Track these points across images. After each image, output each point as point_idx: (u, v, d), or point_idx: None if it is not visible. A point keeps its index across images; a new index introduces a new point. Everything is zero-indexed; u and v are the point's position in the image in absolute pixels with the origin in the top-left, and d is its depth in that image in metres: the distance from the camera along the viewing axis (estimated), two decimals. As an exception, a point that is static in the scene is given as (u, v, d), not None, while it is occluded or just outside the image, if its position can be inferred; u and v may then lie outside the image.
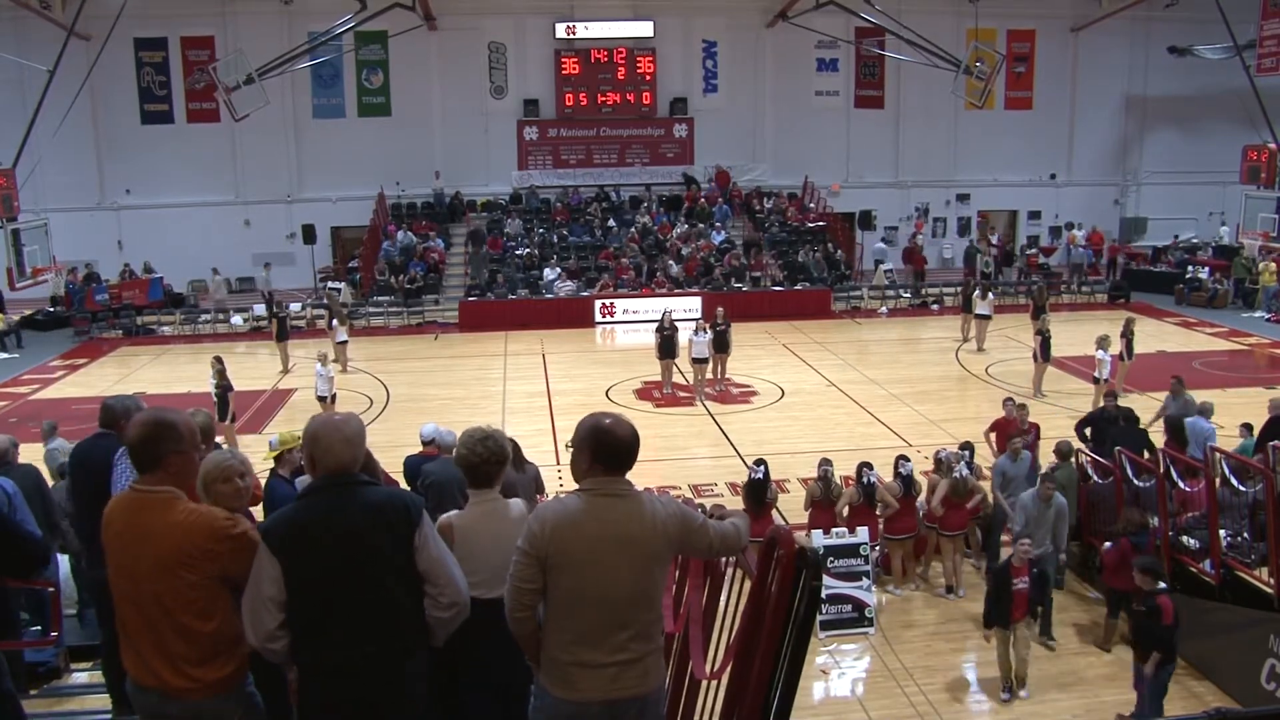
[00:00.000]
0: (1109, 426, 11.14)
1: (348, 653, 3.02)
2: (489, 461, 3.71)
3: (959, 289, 23.17)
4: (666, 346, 17.01)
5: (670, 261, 25.50)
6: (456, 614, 3.15)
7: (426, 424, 9.21)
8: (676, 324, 17.34)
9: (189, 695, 3.08)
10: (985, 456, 10.93)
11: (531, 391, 17.62)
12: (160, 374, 19.59)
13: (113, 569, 3.14)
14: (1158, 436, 11.07)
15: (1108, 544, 8.85)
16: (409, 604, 3.09)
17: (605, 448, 3.11)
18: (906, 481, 9.71)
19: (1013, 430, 11.11)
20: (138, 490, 3.15)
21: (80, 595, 7.66)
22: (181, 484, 3.17)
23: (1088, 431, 11.45)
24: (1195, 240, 29.62)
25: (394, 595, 3.05)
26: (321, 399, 15.23)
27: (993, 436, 11.40)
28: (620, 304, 24.17)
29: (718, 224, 27.70)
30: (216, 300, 25.02)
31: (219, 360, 14.74)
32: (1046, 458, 10.39)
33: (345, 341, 19.59)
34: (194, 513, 3.12)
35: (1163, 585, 7.40)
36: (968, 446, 10.45)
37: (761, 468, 9.56)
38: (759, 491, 9.41)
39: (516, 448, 8.65)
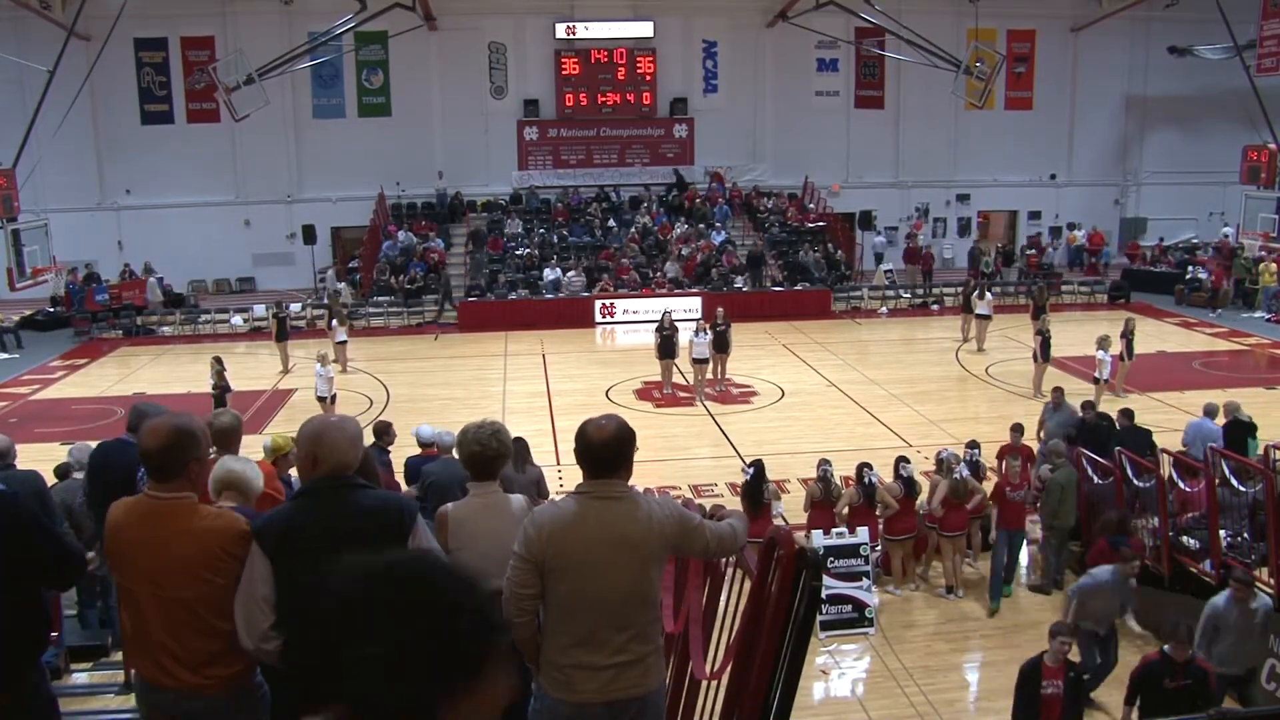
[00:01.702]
0: (1092, 434, 11.00)
1: None
2: (502, 456, 3.77)
3: (959, 289, 23.17)
4: (666, 347, 16.99)
5: (669, 264, 25.47)
6: None
7: (423, 426, 9.21)
8: (676, 324, 17.33)
9: (207, 691, 3.13)
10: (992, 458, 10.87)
11: (531, 392, 17.60)
12: (160, 374, 19.57)
13: (129, 574, 3.16)
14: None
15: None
16: None
17: (581, 451, 3.14)
18: (908, 483, 9.70)
19: (1003, 466, 10.05)
20: (155, 496, 3.15)
21: (80, 596, 7.66)
22: (197, 489, 3.21)
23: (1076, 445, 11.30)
24: (1195, 240, 29.64)
25: None
26: (321, 399, 15.20)
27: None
28: (620, 304, 24.15)
29: (717, 224, 27.70)
30: (152, 303, 24.49)
31: (218, 360, 14.80)
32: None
33: (345, 342, 19.57)
34: (219, 517, 3.17)
35: (1193, 651, 6.39)
36: (975, 445, 10.45)
37: (752, 469, 9.56)
38: (754, 492, 9.42)
39: (525, 447, 8.67)
